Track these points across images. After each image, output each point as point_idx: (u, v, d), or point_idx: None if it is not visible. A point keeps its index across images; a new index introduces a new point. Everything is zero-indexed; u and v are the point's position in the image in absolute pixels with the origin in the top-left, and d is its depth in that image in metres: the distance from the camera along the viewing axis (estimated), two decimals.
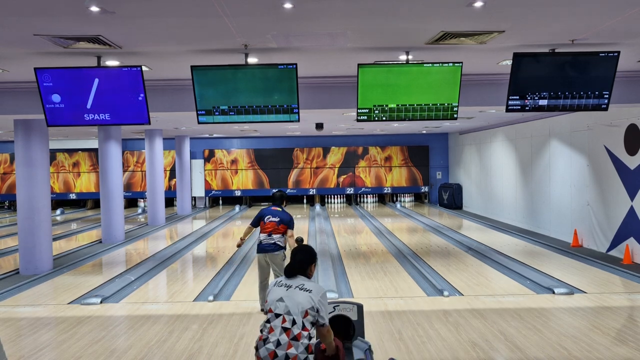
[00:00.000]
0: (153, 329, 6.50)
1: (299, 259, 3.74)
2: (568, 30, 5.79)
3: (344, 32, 5.66)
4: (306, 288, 3.56)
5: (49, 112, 6.71)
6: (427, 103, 6.81)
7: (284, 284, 3.62)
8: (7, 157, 22.97)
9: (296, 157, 22.70)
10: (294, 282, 3.61)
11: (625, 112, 9.81)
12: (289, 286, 3.58)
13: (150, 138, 17.23)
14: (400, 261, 10.29)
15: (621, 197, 10.04)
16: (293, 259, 3.74)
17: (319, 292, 3.56)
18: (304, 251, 3.81)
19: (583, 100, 6.66)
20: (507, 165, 16.05)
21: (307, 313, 3.48)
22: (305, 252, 3.80)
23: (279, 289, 3.59)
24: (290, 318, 3.46)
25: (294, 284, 3.59)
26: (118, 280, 9.00)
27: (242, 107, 6.68)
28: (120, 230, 13.58)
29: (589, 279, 8.64)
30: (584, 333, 6.08)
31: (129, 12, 4.84)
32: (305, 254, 3.78)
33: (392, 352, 5.54)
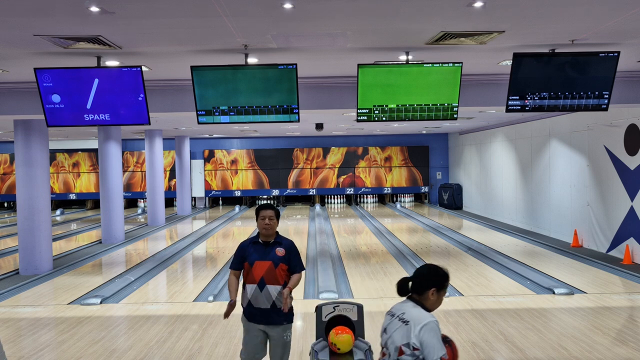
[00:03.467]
0: (153, 329, 6.50)
1: (417, 273, 3.03)
2: (568, 31, 5.79)
3: (344, 33, 5.66)
4: (405, 319, 2.88)
5: (49, 113, 6.71)
6: (427, 103, 6.81)
7: (392, 311, 3.03)
8: (7, 157, 22.97)
9: (296, 157, 22.70)
10: (400, 308, 2.98)
11: (625, 112, 9.81)
12: (393, 314, 2.99)
13: (150, 138, 17.23)
14: (400, 261, 10.28)
15: (621, 197, 10.03)
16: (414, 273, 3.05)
17: (419, 324, 2.82)
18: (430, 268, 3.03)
19: (583, 100, 6.66)
20: (507, 165, 16.05)
21: (402, 351, 2.85)
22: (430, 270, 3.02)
23: (387, 317, 3.05)
24: (388, 352, 2.97)
25: (399, 312, 2.96)
26: (118, 281, 9.00)
27: (242, 107, 6.67)
28: (120, 231, 13.57)
29: (589, 279, 8.64)
30: (584, 333, 6.08)
31: (129, 12, 4.84)
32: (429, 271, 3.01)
33: None
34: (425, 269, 3.03)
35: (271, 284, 4.11)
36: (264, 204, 4.30)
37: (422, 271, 3.01)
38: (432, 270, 3.00)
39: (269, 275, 4.11)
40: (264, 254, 4.16)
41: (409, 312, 2.89)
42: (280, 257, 4.15)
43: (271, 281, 4.11)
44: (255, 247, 4.21)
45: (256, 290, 4.14)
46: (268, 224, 4.17)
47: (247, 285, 4.21)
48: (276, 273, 4.12)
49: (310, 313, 4.41)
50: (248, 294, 4.20)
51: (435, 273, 2.98)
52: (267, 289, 4.12)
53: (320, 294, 7.81)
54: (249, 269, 4.18)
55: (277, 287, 4.11)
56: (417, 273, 3.00)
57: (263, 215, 4.19)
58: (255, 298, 4.14)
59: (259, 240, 4.22)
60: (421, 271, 3.01)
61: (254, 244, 4.22)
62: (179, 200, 20.37)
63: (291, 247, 4.24)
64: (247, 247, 4.24)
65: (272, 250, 4.17)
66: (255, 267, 4.14)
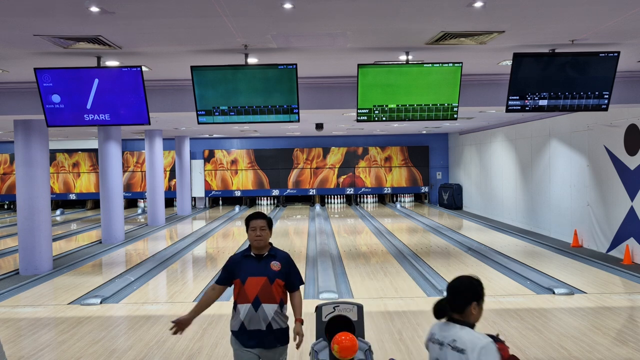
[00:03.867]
0: (153, 329, 6.50)
1: (452, 291, 2.71)
2: (568, 31, 5.79)
3: (344, 33, 5.66)
4: (459, 347, 2.58)
5: (49, 113, 6.71)
6: (427, 103, 6.81)
7: (437, 339, 2.71)
8: (7, 158, 22.97)
9: (296, 157, 22.70)
10: (447, 335, 2.66)
11: (625, 112, 9.80)
12: (442, 343, 2.67)
13: (150, 138, 17.23)
14: (400, 261, 10.28)
15: (621, 197, 10.03)
16: (447, 292, 2.74)
17: (476, 349, 2.53)
18: (463, 282, 2.73)
19: (583, 100, 6.66)
20: (507, 165, 16.05)
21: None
22: (464, 284, 2.72)
23: (434, 347, 2.73)
24: None
25: (447, 339, 2.65)
26: (118, 281, 8.99)
27: (242, 107, 6.67)
28: (120, 231, 13.57)
29: (589, 279, 8.64)
30: (584, 333, 6.07)
31: (129, 12, 4.84)
32: (464, 286, 2.71)
33: (392, 353, 5.53)
34: (459, 283, 2.73)
35: (267, 303, 3.67)
36: (254, 213, 3.84)
37: (457, 287, 2.71)
38: (466, 284, 2.71)
39: (264, 292, 3.67)
40: (257, 268, 3.71)
41: (461, 338, 2.59)
42: (275, 272, 3.71)
43: (267, 299, 3.67)
44: (247, 261, 3.76)
45: (250, 311, 3.67)
46: (260, 236, 3.72)
47: (240, 306, 3.72)
48: (272, 290, 3.69)
49: (310, 313, 4.39)
50: (241, 315, 3.71)
51: (470, 286, 2.70)
52: (263, 309, 3.67)
53: (320, 294, 7.81)
54: (241, 286, 3.70)
55: (274, 306, 3.70)
56: (451, 290, 2.71)
57: (253, 225, 3.74)
58: (249, 319, 3.69)
59: (251, 253, 3.77)
60: (456, 287, 2.71)
61: (246, 258, 3.77)
62: (179, 200, 20.37)
63: (288, 261, 3.81)
64: (239, 261, 3.78)
65: (267, 265, 3.73)
66: (248, 285, 3.68)
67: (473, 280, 2.73)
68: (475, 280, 2.72)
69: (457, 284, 2.72)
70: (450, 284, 2.74)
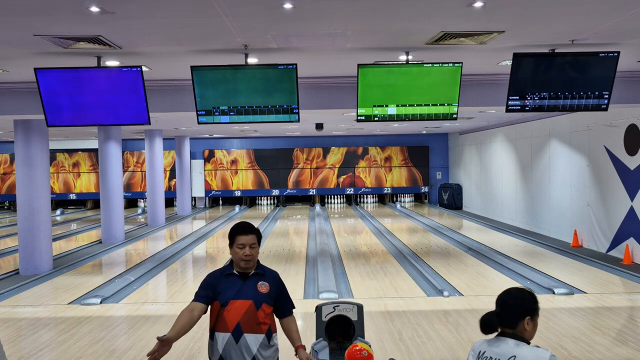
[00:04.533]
0: (153, 329, 6.50)
1: (503, 304, 2.49)
2: (568, 31, 5.79)
3: (344, 33, 5.66)
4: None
5: (49, 112, 6.71)
6: (427, 103, 6.81)
7: (488, 356, 2.45)
8: (7, 157, 22.97)
9: (296, 157, 22.70)
10: (501, 352, 2.41)
11: (625, 112, 9.81)
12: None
13: (150, 138, 17.23)
14: (400, 261, 10.28)
15: (621, 197, 10.03)
16: (496, 305, 2.52)
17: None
18: (515, 297, 2.51)
19: (583, 100, 6.66)
20: (507, 165, 16.05)
21: None
22: (516, 298, 2.50)
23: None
24: None
25: (503, 357, 2.40)
26: (118, 281, 9.00)
27: (242, 107, 6.67)
28: (120, 231, 13.57)
29: (589, 279, 8.64)
30: (584, 333, 6.08)
31: (129, 12, 4.84)
32: (516, 300, 2.49)
33: (392, 352, 5.54)
34: (510, 297, 2.50)
35: (250, 332, 3.06)
36: (240, 225, 3.18)
37: (506, 301, 2.49)
38: (519, 298, 2.48)
39: (248, 319, 3.06)
40: (241, 290, 3.09)
41: (520, 355, 2.36)
42: (263, 295, 3.12)
43: (250, 328, 3.06)
44: (229, 280, 3.13)
45: (230, 341, 3.06)
46: (249, 255, 3.12)
47: (218, 334, 3.13)
48: (257, 317, 3.08)
49: (310, 313, 4.40)
50: (219, 346, 3.12)
51: (522, 300, 2.47)
52: (245, 339, 3.05)
53: (320, 294, 7.81)
54: (220, 311, 3.10)
55: (258, 337, 3.08)
56: (502, 304, 2.48)
57: (242, 242, 3.12)
58: (228, 351, 3.07)
59: (234, 271, 3.16)
60: (507, 301, 2.48)
61: (228, 277, 3.15)
62: (179, 200, 20.37)
63: (277, 281, 3.25)
64: (219, 280, 3.16)
65: (253, 286, 3.12)
66: (229, 309, 3.07)
67: (526, 293, 2.51)
68: (528, 294, 2.51)
69: (507, 297, 2.50)
70: (500, 297, 2.52)
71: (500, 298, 2.52)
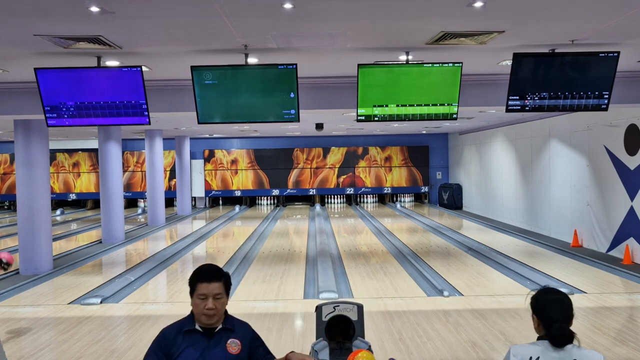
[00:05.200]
0: (153, 329, 6.50)
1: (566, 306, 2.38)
2: (568, 31, 5.79)
3: (344, 32, 5.66)
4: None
5: (49, 112, 6.71)
6: (427, 103, 6.81)
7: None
8: (7, 157, 22.97)
9: (296, 157, 22.70)
10: (562, 358, 2.30)
11: (625, 112, 9.81)
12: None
13: (150, 138, 17.23)
14: (400, 261, 10.28)
15: (621, 197, 10.03)
16: (549, 312, 2.37)
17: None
18: (562, 294, 2.45)
19: (583, 100, 6.66)
20: (507, 165, 16.05)
21: None
22: (563, 295, 2.44)
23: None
24: None
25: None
26: (118, 281, 9.00)
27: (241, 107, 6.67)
28: (120, 231, 13.57)
29: (589, 279, 8.64)
30: (584, 333, 6.07)
31: (129, 12, 4.84)
32: (565, 297, 2.42)
33: (392, 352, 5.54)
34: (562, 295, 2.43)
35: None
36: (203, 270, 2.54)
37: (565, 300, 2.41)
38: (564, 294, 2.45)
39: None
40: (206, 351, 2.46)
41: (583, 358, 2.29)
42: (234, 358, 2.49)
43: None
44: (189, 339, 2.48)
45: None
46: (212, 309, 2.47)
47: None
48: None
49: (310, 313, 4.40)
50: None
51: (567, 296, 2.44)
52: None
53: (320, 294, 7.81)
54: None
55: None
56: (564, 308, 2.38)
57: (203, 292, 2.48)
58: None
59: (196, 327, 2.52)
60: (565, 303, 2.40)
61: (187, 335, 2.50)
62: (179, 200, 20.37)
63: (251, 336, 2.61)
64: (175, 339, 2.48)
65: (220, 344, 2.50)
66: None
67: (564, 293, 2.48)
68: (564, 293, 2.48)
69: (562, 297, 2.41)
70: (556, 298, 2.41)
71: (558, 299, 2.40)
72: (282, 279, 8.97)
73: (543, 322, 2.35)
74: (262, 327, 6.42)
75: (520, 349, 2.36)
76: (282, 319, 6.78)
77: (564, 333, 2.28)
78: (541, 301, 2.40)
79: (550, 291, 2.43)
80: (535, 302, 2.43)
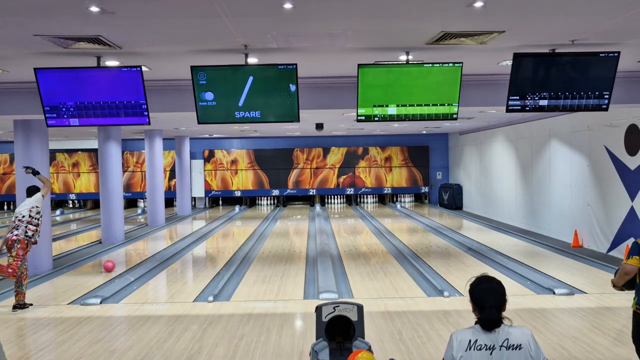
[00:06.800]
0: (153, 329, 6.50)
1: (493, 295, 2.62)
2: (568, 31, 5.79)
3: (344, 32, 5.66)
4: (514, 344, 2.54)
5: (48, 112, 6.71)
6: (427, 103, 6.81)
7: (483, 345, 2.55)
8: (7, 157, 22.97)
9: (296, 157, 22.70)
10: (495, 338, 2.56)
11: (626, 112, 9.80)
12: (492, 347, 2.55)
13: (150, 138, 17.23)
14: (401, 261, 10.28)
15: (621, 197, 10.03)
16: (481, 299, 2.63)
17: (527, 339, 2.58)
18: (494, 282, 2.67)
19: (583, 100, 6.66)
20: (507, 165, 16.05)
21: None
22: (496, 283, 2.67)
23: (480, 357, 2.54)
24: None
25: (498, 341, 2.55)
26: (118, 281, 8.99)
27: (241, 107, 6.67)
28: (120, 231, 13.57)
29: (589, 279, 8.63)
30: (585, 333, 6.07)
31: (129, 12, 4.84)
32: (497, 285, 2.66)
33: (392, 353, 5.53)
34: (496, 284, 2.66)
35: None
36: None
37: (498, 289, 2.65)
38: (500, 284, 2.67)
39: None
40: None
41: (512, 335, 2.56)
42: None
43: None
44: None
45: None
46: None
47: None
48: None
49: (310, 313, 4.40)
50: None
51: (502, 285, 2.67)
52: None
53: (320, 294, 7.80)
54: None
55: None
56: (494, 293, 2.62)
57: None
58: None
59: None
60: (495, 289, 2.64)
61: None
62: (179, 200, 20.36)
63: None
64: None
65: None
66: None
67: (498, 280, 2.70)
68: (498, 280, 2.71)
69: (494, 285, 2.65)
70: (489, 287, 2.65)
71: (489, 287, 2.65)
72: (282, 279, 8.97)
73: (477, 307, 2.61)
74: (262, 327, 6.42)
75: (461, 333, 2.62)
76: (282, 319, 6.77)
77: (492, 318, 2.55)
78: (476, 289, 2.65)
79: (485, 280, 2.67)
80: (471, 289, 2.67)
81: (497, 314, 2.57)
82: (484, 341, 2.56)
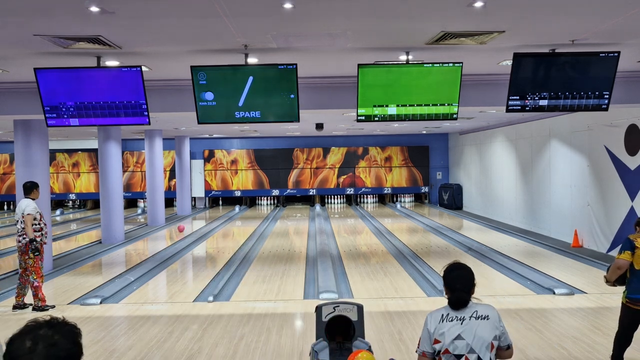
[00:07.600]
0: (153, 329, 6.50)
1: (463, 280, 2.99)
2: (568, 31, 5.79)
3: (344, 32, 5.66)
4: (482, 315, 2.92)
5: (48, 112, 6.71)
6: (427, 103, 6.81)
7: (454, 317, 2.91)
8: (7, 157, 22.97)
9: (296, 157, 22.69)
10: (464, 311, 2.93)
11: (626, 112, 9.80)
12: (462, 318, 2.90)
13: (150, 138, 17.23)
14: (401, 261, 10.28)
15: (621, 197, 10.03)
16: (452, 284, 2.98)
17: (494, 314, 2.97)
18: (464, 270, 3.04)
19: (583, 100, 6.65)
20: (507, 165, 16.05)
21: (493, 345, 2.89)
22: (466, 271, 3.03)
23: (452, 325, 2.89)
24: (474, 356, 2.84)
25: (467, 314, 2.92)
26: (118, 281, 8.99)
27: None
28: (120, 231, 13.57)
29: (589, 279, 8.63)
30: (584, 333, 6.07)
31: (129, 12, 4.83)
32: (467, 272, 3.03)
33: (392, 353, 5.53)
34: (466, 271, 3.02)
35: None
36: None
37: (468, 275, 3.00)
38: (468, 269, 3.04)
39: None
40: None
41: (480, 309, 2.95)
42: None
43: None
44: None
45: None
46: None
47: None
48: None
49: (310, 313, 4.39)
50: None
51: (470, 270, 3.04)
52: None
53: (320, 294, 7.80)
54: None
55: None
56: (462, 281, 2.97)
57: None
58: None
59: None
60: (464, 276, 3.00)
61: None
62: (179, 200, 20.36)
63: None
64: None
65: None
66: None
67: (466, 266, 3.07)
68: (466, 266, 3.08)
69: (464, 273, 3.01)
70: (460, 274, 3.01)
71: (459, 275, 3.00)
72: (282, 279, 8.97)
73: (449, 290, 2.99)
74: (262, 327, 6.42)
75: (434, 312, 3.00)
76: (282, 319, 6.77)
77: (460, 299, 2.93)
78: (448, 275, 3.03)
79: (457, 267, 3.05)
80: (445, 274, 3.05)
81: (466, 295, 2.94)
82: (455, 315, 2.93)
